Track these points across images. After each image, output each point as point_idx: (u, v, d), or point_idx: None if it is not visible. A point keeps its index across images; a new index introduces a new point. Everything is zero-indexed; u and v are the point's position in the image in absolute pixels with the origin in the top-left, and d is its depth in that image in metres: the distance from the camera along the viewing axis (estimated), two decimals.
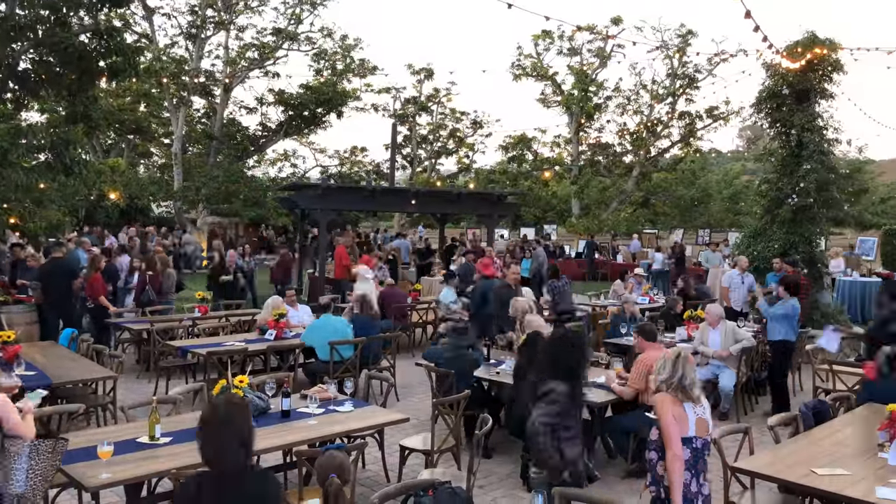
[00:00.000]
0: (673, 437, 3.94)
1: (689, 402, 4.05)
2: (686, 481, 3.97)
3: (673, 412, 4.00)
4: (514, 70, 34.24)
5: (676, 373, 4.06)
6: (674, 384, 4.03)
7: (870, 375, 6.18)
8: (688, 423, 3.99)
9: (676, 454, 3.91)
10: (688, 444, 3.97)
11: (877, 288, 16.22)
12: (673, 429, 3.95)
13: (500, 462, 6.81)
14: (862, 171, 38.52)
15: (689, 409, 4.03)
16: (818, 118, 12.14)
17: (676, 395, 4.04)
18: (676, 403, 4.03)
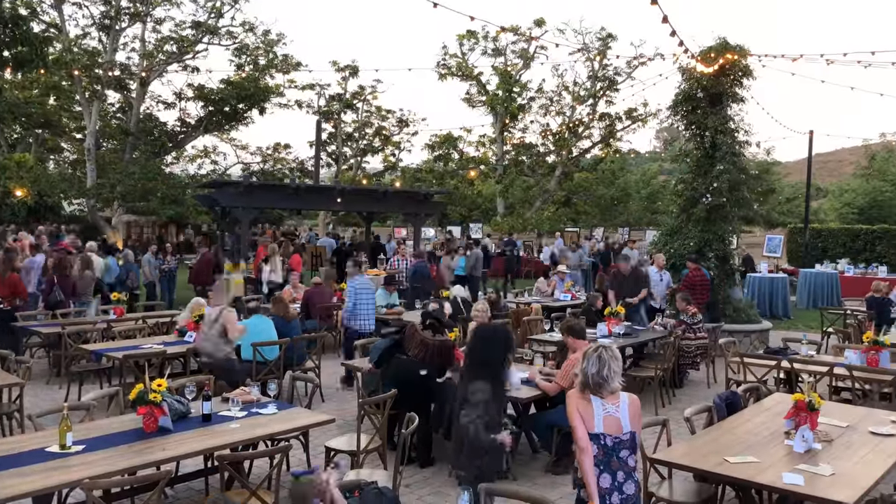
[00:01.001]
0: (578, 430, 4.01)
1: (600, 398, 4.09)
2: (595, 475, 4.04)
3: (578, 406, 4.06)
4: (440, 69, 34.40)
5: (593, 367, 4.12)
6: (590, 378, 4.09)
7: None
8: (593, 420, 4.03)
9: (582, 447, 3.98)
10: (595, 440, 4.02)
11: (783, 283, 17.11)
12: (577, 422, 4.02)
13: None
14: (770, 172, 40.50)
15: (597, 405, 4.06)
16: (730, 121, 12.63)
17: (592, 389, 4.10)
18: (584, 398, 4.08)
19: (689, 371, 10.16)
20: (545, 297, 13.75)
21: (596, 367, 4.08)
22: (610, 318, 9.71)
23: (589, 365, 4.10)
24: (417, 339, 6.50)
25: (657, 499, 4.96)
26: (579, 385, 4.13)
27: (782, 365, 7.89)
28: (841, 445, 4.98)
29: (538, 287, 14.36)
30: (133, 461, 4.44)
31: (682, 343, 9.60)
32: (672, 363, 9.31)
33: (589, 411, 4.04)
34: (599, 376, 4.06)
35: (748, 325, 12.42)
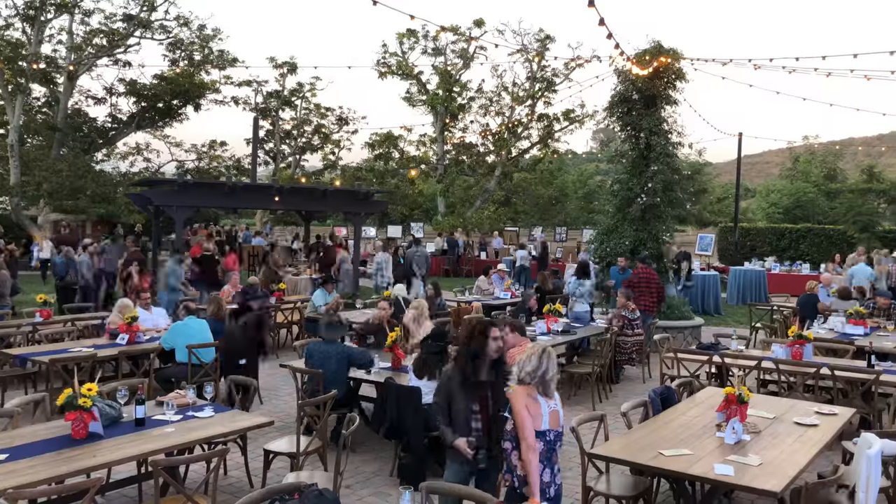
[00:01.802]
0: (527, 428, 4.04)
1: (546, 395, 4.17)
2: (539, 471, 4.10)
3: (527, 405, 4.10)
4: (380, 67, 34.24)
5: (541, 366, 4.18)
6: (537, 377, 4.15)
7: None
8: (542, 417, 4.10)
9: (530, 446, 4.02)
10: (541, 437, 4.08)
11: (715, 281, 17.67)
12: (527, 421, 4.05)
13: (368, 460, 6.79)
14: (701, 172, 41.71)
15: (543, 402, 4.13)
16: (664, 123, 12.98)
17: (538, 388, 4.16)
18: (532, 396, 4.13)
19: (626, 367, 10.39)
20: (486, 295, 13.85)
21: (545, 367, 4.15)
22: (548, 316, 9.85)
23: (539, 364, 4.15)
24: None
25: (595, 493, 5.05)
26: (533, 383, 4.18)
27: (714, 360, 8.15)
28: (768, 436, 5.17)
29: (479, 286, 14.45)
30: (61, 469, 4.27)
31: (618, 339, 9.81)
32: (609, 359, 9.50)
33: (537, 409, 4.10)
34: (538, 373, 4.13)
35: (681, 322, 12.78)
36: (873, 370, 7.31)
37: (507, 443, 4.20)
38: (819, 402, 6.72)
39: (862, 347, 8.48)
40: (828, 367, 7.31)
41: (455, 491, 4.09)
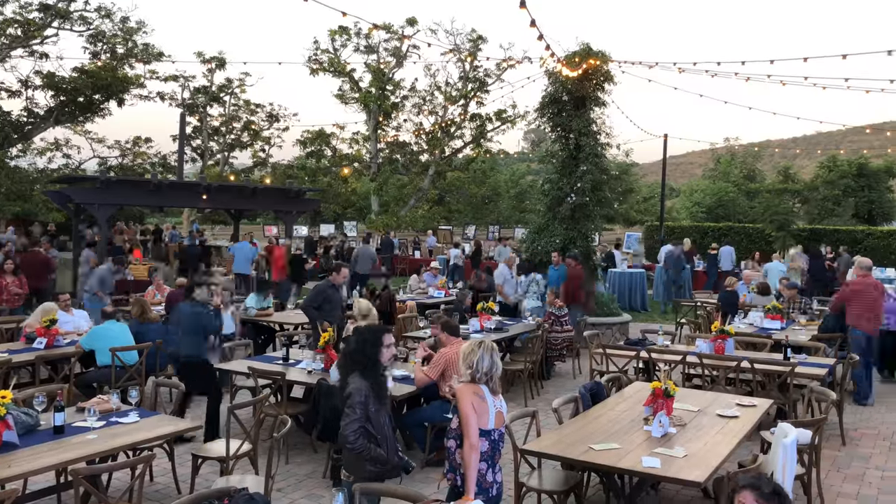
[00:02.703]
0: (471, 426, 4.04)
1: (493, 393, 4.19)
2: (482, 471, 4.10)
3: (473, 402, 4.10)
4: (311, 64, 33.79)
5: (494, 363, 4.20)
6: (485, 373, 4.17)
7: None
8: (488, 415, 4.11)
9: (473, 444, 4.02)
10: (486, 435, 4.10)
11: (641, 278, 18.17)
12: (472, 419, 4.05)
13: (301, 463, 6.70)
14: (628, 173, 42.81)
15: (490, 400, 4.15)
16: (593, 124, 13.23)
17: (488, 385, 4.18)
18: (478, 395, 4.14)
19: (557, 363, 10.57)
20: (419, 293, 13.86)
21: (489, 363, 4.16)
22: (482, 314, 9.94)
23: (482, 361, 4.16)
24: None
25: (527, 489, 5.12)
26: (469, 379, 4.18)
27: (641, 355, 8.38)
28: (693, 428, 5.35)
29: (411, 284, 14.45)
30: None
31: (549, 336, 9.97)
32: (540, 356, 9.65)
33: (484, 408, 4.12)
34: (493, 371, 4.16)
35: (610, 318, 13.08)
36: (789, 363, 7.65)
37: (451, 441, 4.20)
38: (740, 394, 6.99)
39: (779, 341, 8.86)
40: (748, 360, 7.62)
41: (389, 491, 4.07)
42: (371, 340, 4.49)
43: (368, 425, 4.28)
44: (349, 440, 4.21)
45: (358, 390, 4.31)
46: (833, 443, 7.43)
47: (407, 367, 7.22)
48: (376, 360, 4.45)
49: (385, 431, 4.42)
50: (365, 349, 4.46)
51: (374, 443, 4.29)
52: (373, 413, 4.30)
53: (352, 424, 4.23)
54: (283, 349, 7.87)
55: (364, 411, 4.27)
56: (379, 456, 4.27)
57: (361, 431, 4.23)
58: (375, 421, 4.33)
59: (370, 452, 4.24)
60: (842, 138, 76.22)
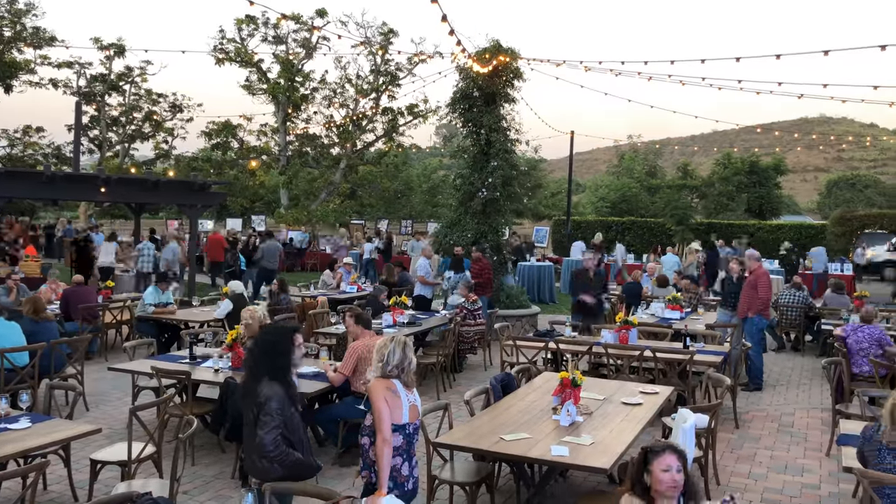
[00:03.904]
0: (384, 421, 4.02)
1: (406, 387, 4.19)
2: (397, 466, 4.09)
3: (386, 397, 4.08)
4: (217, 54, 32.73)
5: (406, 357, 4.19)
6: (396, 366, 4.15)
7: None
8: (402, 410, 4.10)
9: (385, 439, 4.00)
10: (401, 430, 4.09)
11: (549, 271, 18.60)
12: (385, 414, 4.03)
13: (209, 464, 6.51)
14: (537, 168, 43.69)
15: (403, 395, 4.14)
16: (503, 120, 13.43)
17: (401, 379, 4.16)
18: (391, 390, 4.12)
19: (468, 355, 10.69)
20: (331, 289, 13.70)
21: (400, 357, 4.15)
22: (395, 308, 9.93)
23: (393, 355, 4.14)
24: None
25: (440, 481, 5.16)
26: (380, 374, 4.17)
27: (549, 346, 8.58)
28: (599, 416, 5.53)
29: (324, 280, 14.27)
30: None
31: (461, 329, 10.07)
32: (453, 349, 9.73)
33: (397, 402, 4.09)
34: (405, 365, 4.14)
35: (520, 311, 13.34)
36: (688, 351, 8.02)
37: (366, 438, 4.17)
38: (643, 382, 7.27)
39: (678, 330, 9.27)
40: (650, 349, 7.93)
41: (301, 490, 4.02)
42: (282, 342, 4.41)
43: (285, 430, 4.22)
44: (268, 449, 4.14)
45: (274, 396, 4.23)
46: (727, 426, 7.84)
47: (318, 363, 7.14)
48: (289, 363, 4.38)
49: (300, 434, 4.36)
50: (277, 351, 4.38)
51: (291, 447, 4.23)
52: (288, 417, 4.24)
53: (271, 433, 4.17)
54: (188, 348, 7.62)
55: (282, 417, 4.20)
56: (297, 461, 4.22)
57: (280, 439, 4.17)
58: (291, 424, 4.27)
59: (289, 458, 4.18)
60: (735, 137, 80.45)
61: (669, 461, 3.13)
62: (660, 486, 3.14)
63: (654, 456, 3.17)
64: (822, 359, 9.05)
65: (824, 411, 8.51)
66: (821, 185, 63.00)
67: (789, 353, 12.42)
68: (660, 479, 3.13)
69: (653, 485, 3.17)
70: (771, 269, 18.41)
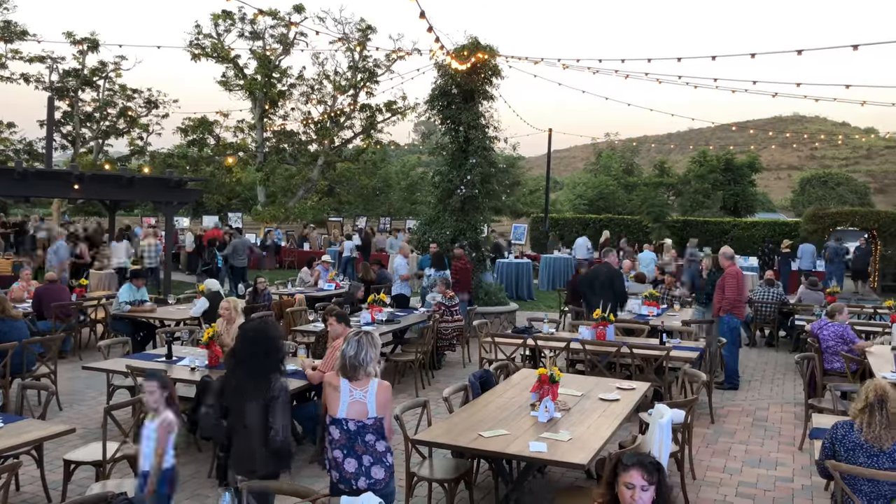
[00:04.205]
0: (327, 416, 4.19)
1: (351, 382, 4.19)
2: (339, 459, 4.11)
3: (327, 391, 4.18)
4: (193, 49, 32.42)
5: (360, 350, 4.17)
6: (350, 359, 4.15)
7: None
8: (338, 405, 4.10)
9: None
10: (337, 424, 4.09)
11: (527, 268, 18.67)
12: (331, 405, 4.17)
13: (185, 462, 6.45)
14: (515, 166, 43.80)
15: (344, 391, 4.12)
16: (481, 117, 13.44)
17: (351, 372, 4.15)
18: (332, 384, 4.17)
19: (447, 352, 10.70)
20: (309, 287, 13.64)
21: (354, 351, 4.15)
22: (373, 306, 9.91)
23: (348, 348, 4.16)
24: None
25: (419, 478, 5.16)
26: (338, 368, 4.20)
27: (528, 343, 8.62)
28: (577, 412, 5.56)
29: (301, 277, 14.20)
30: None
31: (440, 326, 10.08)
32: (431, 346, 9.74)
33: (335, 397, 4.12)
34: (356, 359, 4.13)
35: (498, 307, 13.38)
36: (664, 347, 8.10)
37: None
38: (620, 378, 7.33)
39: (655, 326, 9.35)
40: (627, 345, 7.99)
41: (277, 488, 4.00)
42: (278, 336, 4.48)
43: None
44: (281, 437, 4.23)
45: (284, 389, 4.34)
46: (703, 421, 7.93)
47: (296, 361, 7.11)
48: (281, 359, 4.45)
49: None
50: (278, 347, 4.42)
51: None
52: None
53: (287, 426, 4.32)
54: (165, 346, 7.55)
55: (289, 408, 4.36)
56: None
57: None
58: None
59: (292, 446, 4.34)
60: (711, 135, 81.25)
61: (634, 478, 3.10)
62: (621, 500, 3.16)
63: (622, 469, 3.16)
64: (796, 354, 9.18)
65: (797, 406, 8.64)
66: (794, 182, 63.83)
67: (763, 348, 12.59)
68: (622, 494, 3.15)
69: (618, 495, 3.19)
70: (746, 267, 18.66)
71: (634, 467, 3.10)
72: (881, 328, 10.28)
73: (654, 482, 3.10)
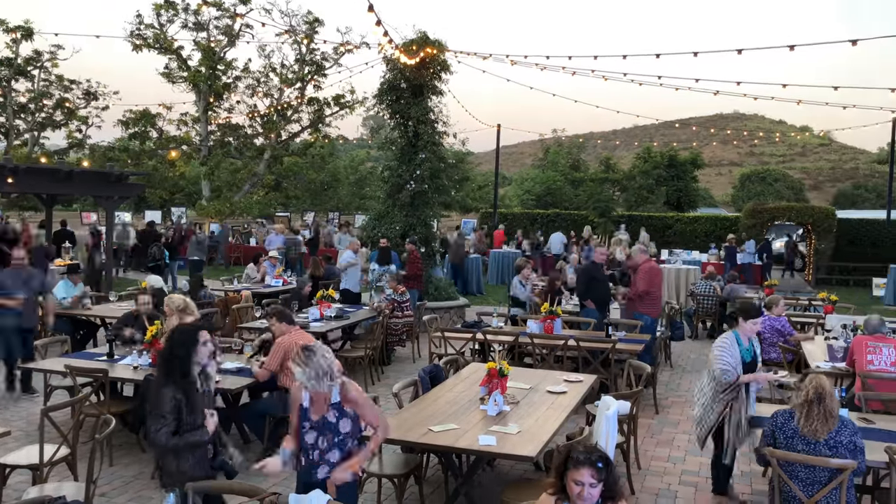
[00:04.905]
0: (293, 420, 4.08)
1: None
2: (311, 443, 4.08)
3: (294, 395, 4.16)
4: (134, 39, 31.51)
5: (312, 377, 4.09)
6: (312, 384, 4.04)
7: None
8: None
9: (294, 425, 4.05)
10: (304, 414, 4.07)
11: (477, 263, 18.76)
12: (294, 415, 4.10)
13: (127, 464, 6.30)
14: (464, 161, 43.90)
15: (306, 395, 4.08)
16: (431, 112, 13.44)
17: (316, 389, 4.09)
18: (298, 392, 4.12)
19: (397, 348, 10.69)
20: (255, 283, 13.43)
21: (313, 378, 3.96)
22: (322, 302, 9.83)
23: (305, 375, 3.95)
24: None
25: (368, 474, 5.15)
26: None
27: (477, 337, 8.67)
28: (526, 405, 5.63)
29: (248, 273, 13.97)
30: None
31: (390, 322, 10.06)
32: (381, 342, 9.71)
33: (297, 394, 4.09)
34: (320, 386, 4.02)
35: (448, 302, 13.42)
36: (610, 340, 8.25)
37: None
38: (567, 371, 7.44)
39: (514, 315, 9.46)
40: (574, 339, 8.11)
41: (224, 487, 3.94)
42: (183, 342, 4.24)
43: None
44: (161, 442, 3.99)
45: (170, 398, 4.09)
46: (648, 412, 8.11)
47: (242, 358, 7.00)
48: (189, 365, 4.21)
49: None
50: (176, 352, 4.22)
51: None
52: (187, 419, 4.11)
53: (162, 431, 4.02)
54: (107, 344, 7.34)
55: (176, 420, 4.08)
56: (194, 440, 4.09)
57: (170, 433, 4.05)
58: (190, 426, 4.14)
59: (188, 440, 4.06)
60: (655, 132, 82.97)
61: (583, 476, 3.16)
62: (570, 493, 3.22)
63: (573, 465, 3.21)
64: None
65: None
66: (734, 178, 65.74)
67: (705, 340, 12.94)
68: (570, 487, 3.21)
69: (567, 487, 3.25)
70: (689, 260, 19.13)
71: (585, 466, 3.16)
72: (815, 319, 10.67)
73: (602, 479, 3.17)
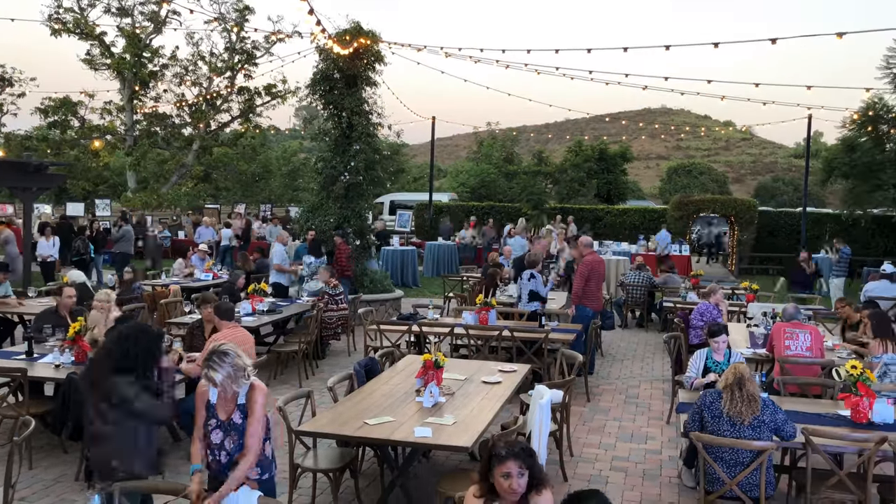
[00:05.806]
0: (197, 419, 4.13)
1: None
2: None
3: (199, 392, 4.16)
4: (52, 24, 30.16)
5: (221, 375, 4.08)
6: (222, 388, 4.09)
7: None
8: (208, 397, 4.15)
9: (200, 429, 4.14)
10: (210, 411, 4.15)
11: (412, 255, 18.76)
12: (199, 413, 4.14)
13: (48, 467, 6.06)
14: (399, 153, 43.82)
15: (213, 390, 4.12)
16: (365, 103, 13.30)
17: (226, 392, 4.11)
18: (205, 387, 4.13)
19: (332, 342, 10.59)
20: (184, 277, 13.09)
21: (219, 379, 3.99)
22: (253, 296, 9.65)
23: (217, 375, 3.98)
24: None
25: (302, 469, 5.10)
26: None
27: (412, 329, 8.68)
28: (461, 396, 5.67)
29: (176, 267, 13.60)
30: None
31: (324, 315, 9.95)
32: (315, 335, 9.60)
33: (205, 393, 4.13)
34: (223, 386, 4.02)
35: (383, 295, 13.37)
36: (543, 330, 8.38)
37: None
38: (501, 361, 7.52)
39: (534, 310, 9.63)
40: (508, 329, 8.21)
41: (151, 487, 3.84)
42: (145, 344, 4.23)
43: None
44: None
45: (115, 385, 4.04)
46: (580, 400, 8.29)
47: (171, 355, 6.80)
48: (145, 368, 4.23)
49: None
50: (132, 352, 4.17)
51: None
52: None
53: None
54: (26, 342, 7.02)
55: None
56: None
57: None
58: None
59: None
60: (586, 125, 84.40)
61: (510, 468, 3.22)
62: (499, 490, 3.27)
63: (498, 461, 3.26)
64: (664, 334, 9.73)
65: (665, 382, 9.18)
66: (662, 171, 67.64)
67: (634, 329, 13.29)
68: (499, 483, 3.26)
69: (495, 485, 3.30)
70: (619, 251, 19.59)
71: (510, 458, 3.22)
72: (738, 307, 11.10)
73: (529, 466, 3.23)
